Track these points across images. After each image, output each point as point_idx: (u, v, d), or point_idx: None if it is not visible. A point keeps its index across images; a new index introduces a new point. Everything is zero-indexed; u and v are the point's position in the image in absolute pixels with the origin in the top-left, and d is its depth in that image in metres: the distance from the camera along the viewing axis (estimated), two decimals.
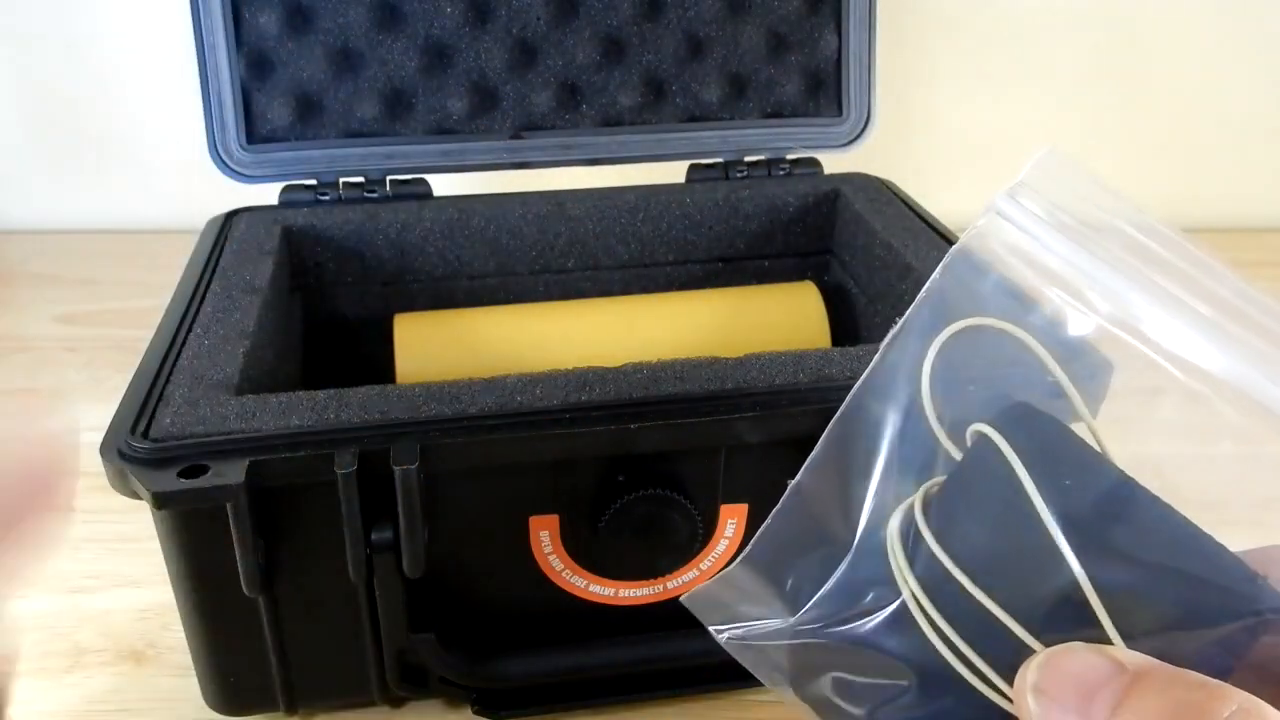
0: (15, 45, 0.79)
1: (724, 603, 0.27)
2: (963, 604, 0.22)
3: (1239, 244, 0.85)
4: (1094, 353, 0.25)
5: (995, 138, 0.84)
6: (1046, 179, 0.25)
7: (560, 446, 0.35)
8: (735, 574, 0.27)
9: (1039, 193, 0.25)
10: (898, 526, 0.25)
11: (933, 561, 0.23)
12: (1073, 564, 0.21)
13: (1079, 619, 0.21)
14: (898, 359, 0.26)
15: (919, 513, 0.24)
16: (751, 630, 0.26)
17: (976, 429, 0.24)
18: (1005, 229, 0.25)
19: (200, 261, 0.48)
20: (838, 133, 0.59)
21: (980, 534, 0.23)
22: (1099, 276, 0.24)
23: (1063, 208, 0.25)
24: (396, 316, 0.52)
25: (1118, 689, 0.20)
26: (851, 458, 0.26)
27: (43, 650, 0.45)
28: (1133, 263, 0.24)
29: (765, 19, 0.57)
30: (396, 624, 0.37)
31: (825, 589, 0.25)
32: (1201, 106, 0.84)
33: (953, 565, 0.23)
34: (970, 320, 0.25)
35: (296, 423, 0.34)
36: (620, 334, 0.51)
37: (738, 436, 0.36)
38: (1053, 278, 0.25)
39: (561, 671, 0.40)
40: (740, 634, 0.26)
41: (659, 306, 0.54)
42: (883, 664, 0.24)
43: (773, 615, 0.26)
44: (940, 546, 0.23)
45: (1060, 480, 0.23)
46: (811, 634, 0.25)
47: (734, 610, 0.27)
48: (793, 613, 0.26)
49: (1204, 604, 0.22)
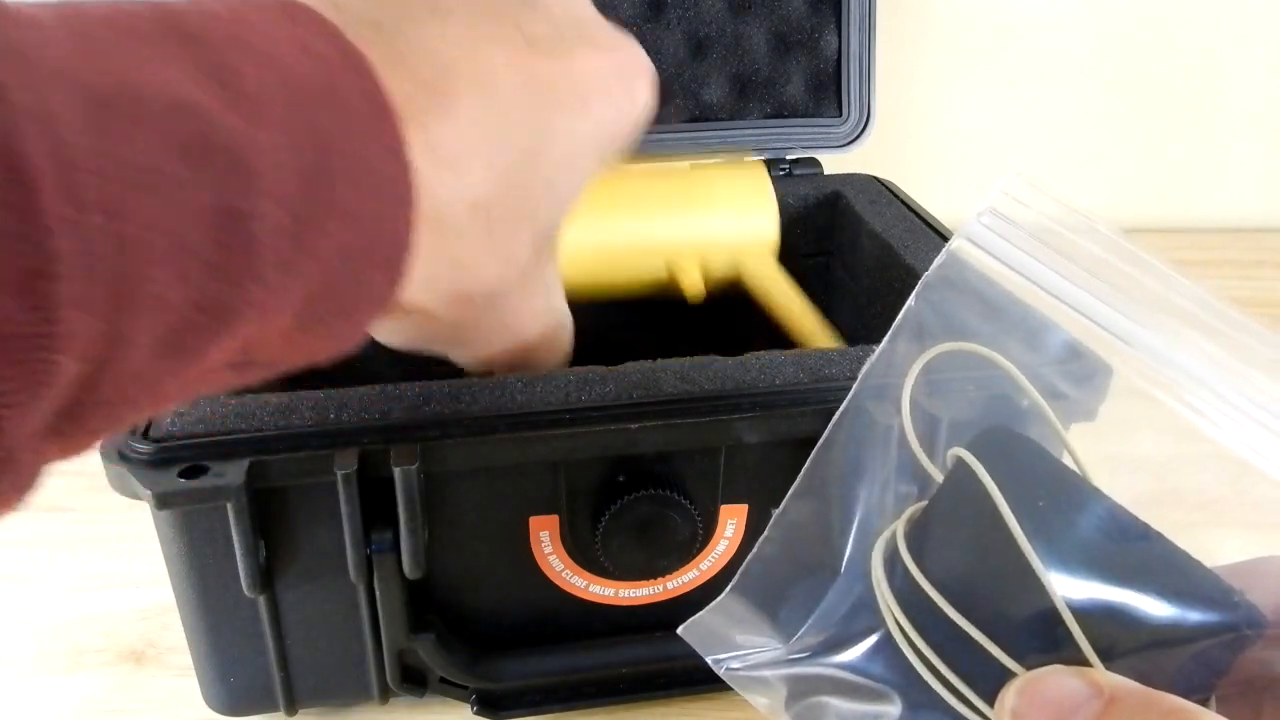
0: None
1: (720, 631, 0.27)
2: (945, 628, 0.23)
3: (1239, 244, 0.85)
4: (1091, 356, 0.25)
5: (995, 138, 0.84)
6: (1015, 202, 0.25)
7: (560, 446, 0.35)
8: (727, 603, 0.27)
9: (1007, 216, 0.25)
10: (881, 552, 0.25)
11: (915, 587, 0.23)
12: (1049, 586, 0.21)
13: (1060, 640, 0.22)
14: (877, 385, 0.26)
15: (901, 538, 0.24)
16: (747, 659, 0.26)
17: (954, 453, 0.24)
18: (976, 253, 0.25)
19: None
20: (838, 133, 0.59)
21: (960, 558, 0.24)
22: (1068, 295, 0.24)
23: (1031, 229, 0.25)
24: None
25: (1092, 713, 0.20)
26: (835, 485, 0.26)
27: (43, 650, 0.45)
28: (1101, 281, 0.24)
29: (766, 20, 0.57)
30: (396, 624, 0.37)
31: (814, 616, 0.26)
32: (1201, 106, 0.84)
33: (933, 590, 0.23)
34: (946, 346, 0.25)
35: (296, 423, 0.34)
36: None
37: (738, 436, 0.36)
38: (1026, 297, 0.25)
39: (561, 671, 0.41)
40: (737, 664, 0.27)
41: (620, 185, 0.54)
42: (871, 689, 0.24)
43: (767, 643, 0.26)
44: (921, 571, 0.23)
45: (1036, 502, 0.23)
46: (804, 661, 0.25)
47: (730, 638, 0.27)
48: (785, 640, 0.26)
49: (1183, 622, 0.22)
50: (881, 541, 0.25)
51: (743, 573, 0.27)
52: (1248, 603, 0.22)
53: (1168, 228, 0.87)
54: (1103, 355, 0.25)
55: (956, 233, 0.25)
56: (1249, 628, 0.22)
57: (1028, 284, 0.24)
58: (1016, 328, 0.25)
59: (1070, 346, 0.25)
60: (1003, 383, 0.25)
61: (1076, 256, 0.24)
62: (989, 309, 0.25)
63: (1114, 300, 0.24)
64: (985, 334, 0.25)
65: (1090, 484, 0.24)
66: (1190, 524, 0.23)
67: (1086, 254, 0.24)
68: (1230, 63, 0.83)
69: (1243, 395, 0.23)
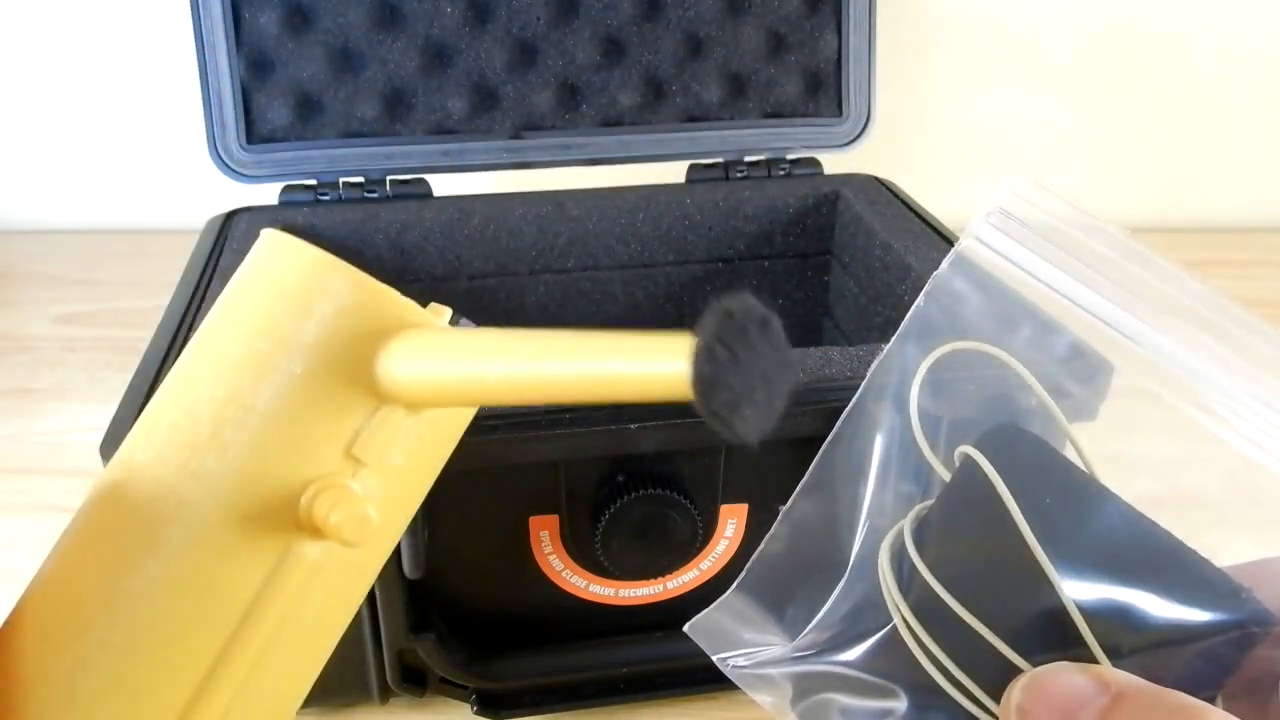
0: (15, 45, 0.79)
1: (725, 629, 0.27)
2: (953, 625, 0.22)
3: (1237, 243, 0.85)
4: (1093, 355, 0.25)
5: (996, 138, 0.84)
6: (1022, 202, 0.25)
7: (560, 446, 0.35)
8: (732, 601, 0.27)
9: (1015, 216, 0.25)
10: (889, 550, 0.25)
11: (922, 584, 0.23)
12: (1057, 584, 0.21)
13: (1067, 637, 0.22)
14: (885, 384, 0.26)
15: (909, 536, 0.24)
16: (753, 657, 0.26)
17: (962, 451, 0.24)
18: (984, 253, 0.25)
19: (200, 262, 0.48)
20: (838, 133, 0.59)
21: (969, 555, 0.24)
22: (1076, 295, 0.24)
23: (1038, 230, 0.25)
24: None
25: (1099, 710, 0.20)
26: (842, 482, 0.26)
27: None
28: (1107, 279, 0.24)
29: (765, 19, 0.57)
30: (396, 624, 0.37)
31: (821, 614, 0.25)
32: (1201, 106, 0.84)
33: (941, 588, 0.23)
34: (954, 344, 0.25)
35: None
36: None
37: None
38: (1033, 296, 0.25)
39: (561, 671, 0.40)
40: (743, 662, 0.26)
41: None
42: (877, 686, 0.24)
43: (772, 640, 0.26)
44: (930, 569, 0.23)
45: (1044, 500, 0.23)
46: (809, 659, 0.25)
47: (736, 636, 0.27)
48: (791, 638, 0.26)
49: (1190, 619, 0.22)
50: (889, 539, 0.25)
51: (748, 570, 0.27)
52: (1255, 600, 0.22)
53: (1168, 227, 0.87)
54: (1109, 354, 0.25)
55: (965, 232, 0.25)
56: (1256, 625, 0.22)
57: (1036, 284, 0.24)
58: (1023, 327, 0.25)
59: (1074, 345, 0.25)
60: (1006, 381, 0.25)
61: (1084, 256, 0.24)
62: (996, 308, 0.25)
63: (1121, 300, 0.24)
64: (992, 333, 0.25)
65: (1098, 482, 0.24)
66: (1197, 522, 0.23)
67: (1094, 254, 0.24)
68: (1232, 62, 0.83)
69: (1249, 394, 0.22)
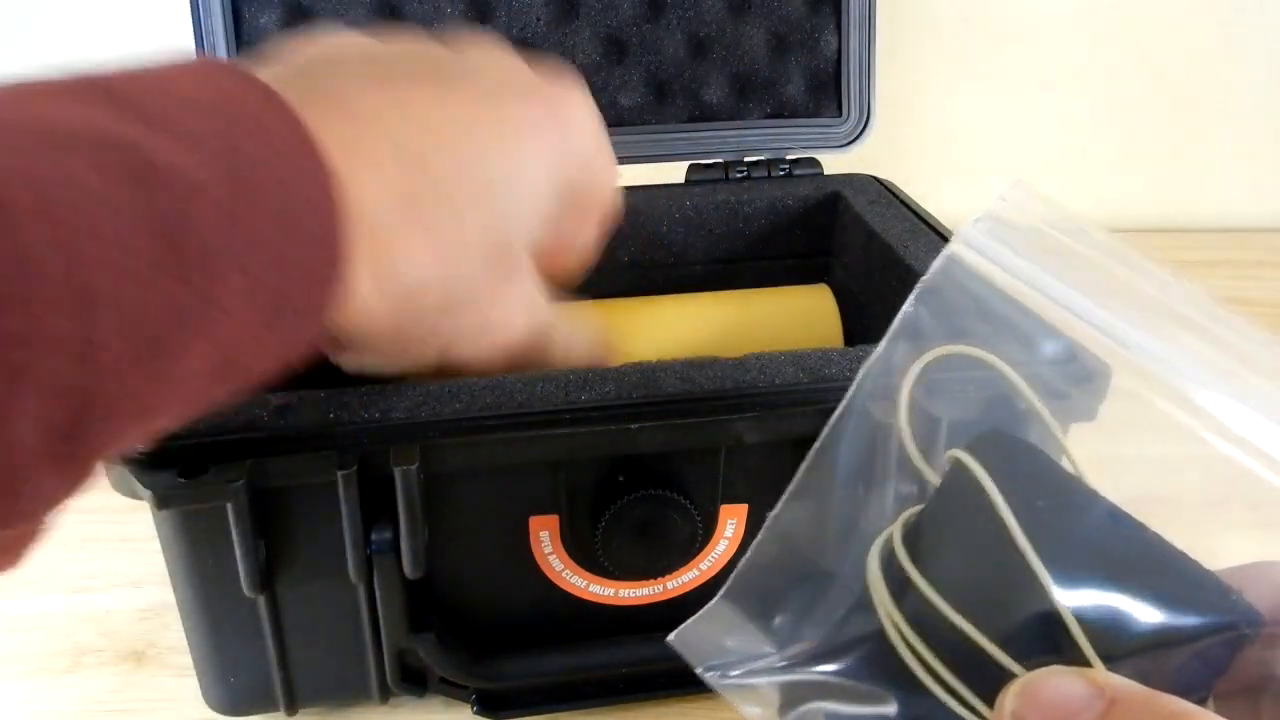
0: (15, 46, 0.79)
1: (710, 639, 0.26)
2: (944, 630, 0.22)
3: (1238, 244, 0.85)
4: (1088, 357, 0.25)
5: (995, 138, 0.84)
6: (1011, 207, 0.25)
7: (560, 446, 0.35)
8: (718, 609, 0.27)
9: (1004, 221, 0.25)
10: (878, 555, 0.25)
11: (913, 589, 0.23)
12: (1049, 587, 0.21)
13: (1060, 641, 0.22)
14: (875, 387, 0.26)
15: (898, 541, 0.24)
16: (739, 668, 0.26)
17: (952, 455, 0.24)
18: (973, 257, 0.25)
19: None
20: (838, 133, 0.59)
21: (959, 559, 0.24)
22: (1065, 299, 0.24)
23: (1029, 234, 0.25)
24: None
25: (1094, 715, 0.20)
26: (831, 488, 0.26)
27: (43, 650, 0.45)
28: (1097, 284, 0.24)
29: (766, 20, 0.57)
30: (396, 624, 0.37)
31: (809, 622, 0.25)
32: (1199, 106, 0.84)
33: (932, 592, 0.23)
34: (944, 349, 0.25)
35: (296, 423, 0.34)
36: (632, 335, 0.51)
37: (738, 437, 0.36)
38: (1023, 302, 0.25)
39: (561, 672, 0.41)
40: (729, 673, 0.26)
41: (672, 308, 0.53)
42: (867, 694, 0.24)
43: (759, 649, 0.26)
44: (920, 573, 0.23)
45: (1035, 503, 0.23)
46: (797, 667, 0.25)
47: (721, 646, 0.26)
48: (779, 646, 0.26)
49: (1181, 621, 0.22)
50: (879, 543, 0.25)
51: (735, 578, 0.26)
52: (1245, 602, 0.22)
53: (1167, 227, 0.87)
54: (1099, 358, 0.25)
55: (954, 237, 0.25)
56: (1247, 626, 0.22)
57: (1025, 288, 0.24)
58: (1014, 330, 0.25)
59: (1068, 348, 0.26)
60: (1001, 384, 0.25)
61: (1073, 260, 0.24)
62: (986, 312, 0.25)
63: (1110, 303, 0.24)
64: (983, 336, 0.25)
65: (1088, 485, 0.24)
66: (1187, 525, 0.23)
67: (1082, 258, 0.24)
68: (1229, 63, 0.83)
69: (1238, 397, 0.23)
